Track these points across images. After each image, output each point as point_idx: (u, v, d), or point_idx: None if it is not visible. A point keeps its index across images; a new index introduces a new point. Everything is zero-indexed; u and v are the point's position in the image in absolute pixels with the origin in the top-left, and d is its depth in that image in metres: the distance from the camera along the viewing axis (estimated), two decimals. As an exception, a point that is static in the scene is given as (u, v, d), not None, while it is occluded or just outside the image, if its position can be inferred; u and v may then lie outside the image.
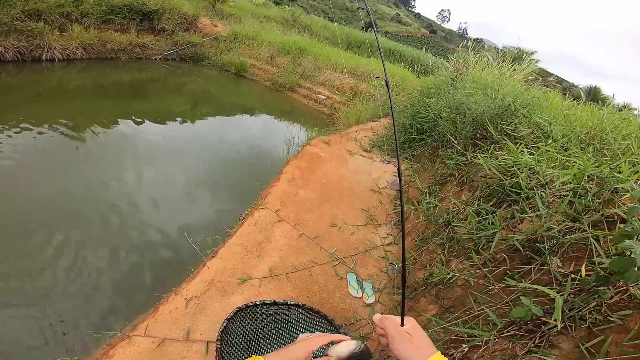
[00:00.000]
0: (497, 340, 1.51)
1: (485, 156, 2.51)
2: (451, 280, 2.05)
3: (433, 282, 2.21)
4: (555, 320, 1.20)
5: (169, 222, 4.14)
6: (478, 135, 3.60)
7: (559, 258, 1.57)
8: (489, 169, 2.38)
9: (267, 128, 8.64)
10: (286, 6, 24.17)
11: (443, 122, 4.46)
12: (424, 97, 6.01)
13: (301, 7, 31.10)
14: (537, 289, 1.37)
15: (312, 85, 11.69)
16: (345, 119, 7.91)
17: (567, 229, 1.67)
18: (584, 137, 2.57)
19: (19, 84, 7.75)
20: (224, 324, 1.96)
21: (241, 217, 3.79)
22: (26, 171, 4.55)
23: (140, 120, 6.90)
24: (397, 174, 3.77)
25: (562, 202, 1.74)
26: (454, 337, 1.73)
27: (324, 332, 2.20)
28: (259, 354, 1.94)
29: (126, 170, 5.04)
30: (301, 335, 1.06)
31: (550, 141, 2.42)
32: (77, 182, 4.51)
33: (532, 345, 1.38)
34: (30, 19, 8.73)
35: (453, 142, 3.67)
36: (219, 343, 1.92)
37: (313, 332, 2.18)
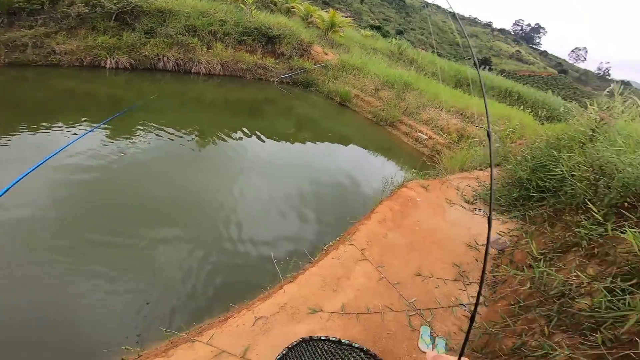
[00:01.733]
0: None
1: (635, 231, 2.26)
2: (551, 356, 1.90)
3: (525, 353, 2.06)
4: None
5: (257, 237, 4.51)
6: (626, 204, 3.21)
7: None
8: (638, 246, 2.16)
9: (363, 162, 8.83)
10: (393, 39, 24.90)
11: (576, 183, 4.02)
12: (550, 148, 5.46)
13: (408, 40, 31.62)
14: None
15: (415, 122, 11.60)
16: (448, 164, 7.62)
17: None
18: None
19: (172, 92, 9.84)
20: (284, 352, 1.99)
21: (324, 248, 3.96)
22: (151, 165, 5.73)
23: (249, 133, 8.01)
24: (501, 234, 3.60)
25: None
26: None
27: None
28: None
29: (229, 180, 5.88)
30: None
31: None
32: (186, 183, 5.40)
33: None
34: (189, 33, 11.11)
35: (591, 208, 3.25)
36: None
37: None
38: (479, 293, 1.03)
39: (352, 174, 7.29)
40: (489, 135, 1.19)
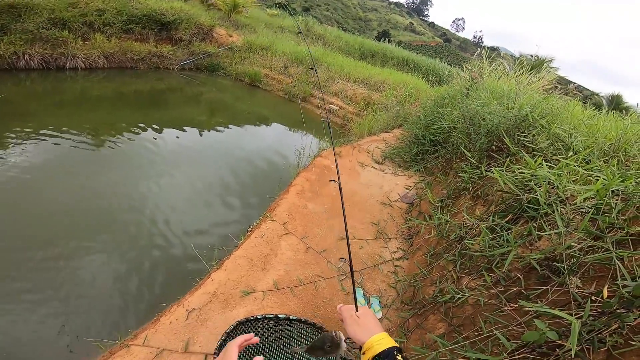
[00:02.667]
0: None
1: (500, 170, 2.38)
2: (462, 299, 1.95)
3: (444, 299, 2.11)
4: (570, 345, 1.10)
5: (179, 232, 4.14)
6: (493, 147, 3.50)
7: (579, 278, 1.47)
8: (505, 184, 2.27)
9: (280, 138, 8.64)
10: (300, 16, 24.49)
11: (457, 134, 4.38)
12: (437, 107, 5.92)
13: (315, 17, 31.43)
14: (552, 312, 1.27)
15: (325, 95, 11.69)
16: (358, 130, 7.83)
17: (588, 247, 1.56)
18: (607, 149, 2.46)
19: (43, 92, 8.05)
20: (223, 337, 1.91)
21: (249, 229, 3.76)
22: (45, 179, 4.67)
23: (158, 128, 7.04)
24: (409, 187, 3.68)
25: (583, 219, 1.63)
26: (462, 359, 1.64)
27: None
28: None
29: (140, 178, 5.12)
30: None
31: (571, 154, 2.32)
32: (91, 190, 4.59)
33: None
34: (56, 27, 9.16)
35: (466, 154, 3.56)
36: (216, 356, 1.89)
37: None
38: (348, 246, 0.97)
39: (271, 152, 7.09)
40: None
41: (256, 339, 1.07)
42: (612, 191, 1.70)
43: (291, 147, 6.66)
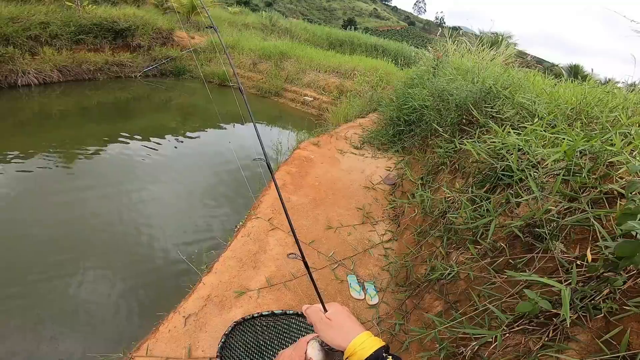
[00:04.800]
0: (507, 335, 1.41)
1: (472, 141, 2.40)
2: (453, 275, 1.95)
3: (435, 277, 2.11)
4: (564, 313, 1.10)
5: (165, 242, 4.07)
6: (464, 120, 3.51)
7: (562, 242, 1.46)
8: (478, 154, 2.27)
9: (257, 136, 8.48)
10: (263, 12, 23.99)
11: (428, 112, 4.40)
12: (407, 88, 5.93)
13: (278, 11, 30.90)
14: (541, 280, 1.26)
15: (298, 88, 11.58)
16: (334, 119, 7.82)
17: (566, 210, 1.55)
18: (570, 113, 2.47)
19: None
20: (222, 340, 1.86)
21: (235, 230, 3.69)
22: (21, 204, 4.45)
23: (129, 139, 6.73)
24: (389, 169, 3.69)
25: (555, 180, 1.62)
26: (462, 335, 1.64)
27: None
28: None
29: (118, 193, 4.91)
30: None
31: (536, 120, 2.32)
32: (70, 210, 4.41)
33: (547, 339, 1.28)
34: None
35: (439, 130, 3.59)
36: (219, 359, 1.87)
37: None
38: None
39: (249, 151, 6.92)
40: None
41: None
42: (580, 151, 1.69)
43: (269, 143, 6.57)
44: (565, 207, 1.55)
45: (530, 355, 1.31)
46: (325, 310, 0.86)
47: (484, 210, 1.97)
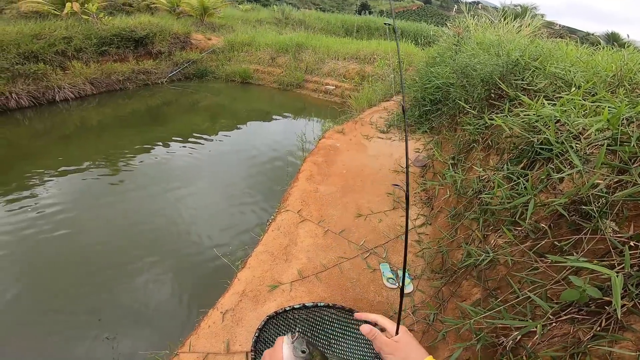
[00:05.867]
0: (554, 324, 1.25)
1: (503, 115, 2.18)
2: (489, 260, 1.76)
3: (470, 263, 1.92)
4: (615, 304, 0.93)
5: (206, 240, 4.13)
6: (492, 95, 3.26)
7: (613, 221, 1.27)
8: (511, 129, 2.06)
9: (285, 129, 8.44)
10: (274, 6, 23.69)
11: (454, 89, 4.17)
12: (429, 67, 5.68)
13: (290, 4, 30.39)
14: (589, 266, 1.08)
15: (319, 77, 11.40)
16: (357, 105, 7.60)
17: (616, 183, 1.35)
18: (611, 81, 2.19)
19: (45, 129, 7.83)
20: (256, 334, 1.86)
21: (267, 223, 3.65)
22: (77, 212, 4.65)
23: (165, 143, 6.91)
24: (418, 150, 3.51)
25: (600, 151, 1.38)
26: (502, 325, 1.47)
27: (358, 329, 2.07)
28: None
29: (162, 196, 5.05)
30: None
31: (573, 89, 2.07)
32: (120, 216, 4.58)
33: (599, 328, 1.12)
34: (29, 61, 8.77)
35: (465, 107, 3.33)
36: (253, 354, 1.84)
37: (347, 332, 2.03)
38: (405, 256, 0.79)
39: (278, 144, 6.94)
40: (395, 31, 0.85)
41: None
42: (626, 119, 1.48)
43: (296, 136, 6.51)
44: (614, 180, 1.34)
45: (579, 347, 1.15)
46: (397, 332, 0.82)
47: (521, 188, 1.76)
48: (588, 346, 1.13)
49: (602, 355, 1.10)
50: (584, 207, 1.38)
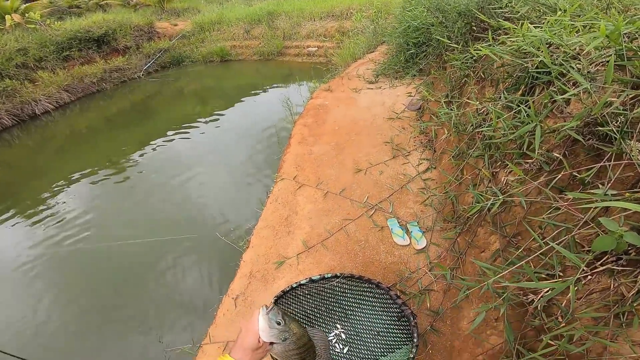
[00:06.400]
0: (590, 277, 1.04)
1: (488, 44, 1.98)
2: (500, 202, 1.49)
3: (478, 209, 1.64)
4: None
5: (214, 221, 4.11)
6: (474, 28, 3.06)
7: (638, 141, 1.04)
8: (500, 57, 1.83)
9: (276, 99, 8.06)
10: None
11: (435, 28, 3.87)
12: (406, 11, 5.24)
13: None
14: (622, 205, 0.83)
15: (299, 42, 10.93)
16: (341, 61, 7.27)
17: (632, 99, 1.12)
18: (598, 3, 1.93)
19: (37, 144, 7.63)
20: None
21: (267, 198, 3.42)
22: (99, 217, 4.71)
23: (163, 134, 6.83)
24: (411, 94, 3.20)
25: (605, 70, 1.18)
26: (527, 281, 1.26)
27: (373, 297, 1.91)
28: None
29: (168, 184, 5.13)
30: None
31: (559, 12, 1.82)
32: (130, 211, 4.74)
33: None
34: None
35: (448, 43, 3.10)
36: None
37: (362, 301, 1.80)
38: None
39: (271, 114, 6.69)
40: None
41: None
42: (626, 35, 1.26)
43: (284, 103, 6.19)
44: (630, 96, 1.11)
45: (624, 305, 0.94)
46: None
47: (523, 116, 1.54)
48: (634, 304, 0.92)
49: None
50: (600, 128, 1.15)
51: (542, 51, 1.49)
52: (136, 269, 3.70)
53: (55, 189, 5.39)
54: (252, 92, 8.75)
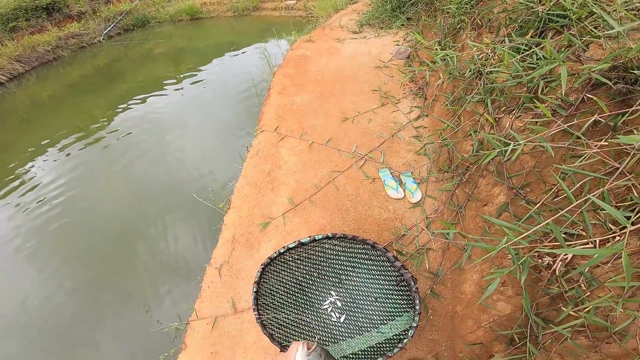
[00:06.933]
0: (619, 238, 0.86)
1: None
2: (510, 149, 1.25)
3: (489, 157, 1.37)
4: None
5: (190, 185, 3.83)
6: None
7: None
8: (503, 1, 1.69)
9: (253, 53, 7.60)
10: None
11: None
12: None
13: None
14: None
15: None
16: (321, 12, 6.74)
17: None
18: None
19: None
20: (255, 289, 1.60)
21: (247, 153, 3.13)
22: (79, 186, 4.33)
23: (135, 97, 6.37)
24: (398, 42, 2.87)
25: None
26: (543, 237, 1.09)
27: (369, 259, 1.75)
28: (307, 304, 1.80)
29: (148, 147, 4.80)
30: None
31: None
32: (113, 180, 4.34)
33: None
34: None
35: None
36: (257, 314, 1.56)
37: (357, 264, 1.59)
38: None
39: (250, 70, 6.23)
40: None
41: None
42: None
43: (261, 55, 5.75)
44: None
45: None
46: None
47: (535, 59, 1.36)
48: None
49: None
50: (632, 71, 0.99)
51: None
52: (113, 237, 3.45)
53: (25, 159, 5.03)
54: (228, 50, 8.18)
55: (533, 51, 1.37)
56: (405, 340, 1.41)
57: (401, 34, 4.24)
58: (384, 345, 1.51)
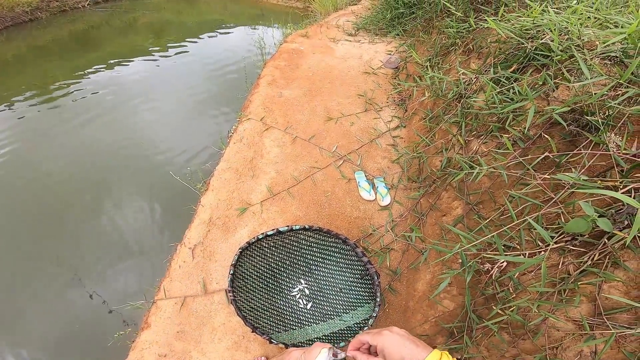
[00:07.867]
0: (542, 253, 1.05)
1: (495, 19, 1.90)
2: (476, 174, 1.43)
3: (457, 177, 1.65)
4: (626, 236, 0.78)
5: (167, 158, 3.82)
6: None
7: (617, 135, 1.07)
8: (503, 33, 1.77)
9: (242, 37, 7.56)
10: None
11: None
12: None
13: None
14: (603, 192, 0.84)
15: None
16: (322, 8, 6.78)
17: (627, 98, 1.11)
18: None
19: None
20: (231, 271, 1.68)
21: (228, 137, 3.18)
22: (29, 149, 4.13)
23: (106, 65, 6.08)
24: (390, 52, 3.06)
25: (609, 65, 1.25)
26: (487, 247, 1.30)
27: (338, 252, 1.89)
28: (277, 290, 1.88)
29: (113, 120, 4.55)
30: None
31: (574, 1, 1.85)
32: (66, 144, 4.13)
33: (590, 262, 0.97)
34: None
35: (450, 8, 2.97)
36: (232, 295, 1.64)
37: (327, 256, 1.74)
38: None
39: (236, 53, 6.25)
40: None
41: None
42: None
43: (256, 43, 5.72)
44: (623, 91, 1.10)
45: (568, 282, 1.01)
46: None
47: (511, 93, 1.55)
48: (578, 283, 0.98)
49: (590, 294, 0.98)
50: (586, 117, 1.18)
51: (554, 34, 1.46)
52: (70, 208, 3.33)
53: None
54: (217, 29, 8.07)
55: (512, 86, 1.56)
56: (365, 328, 1.56)
57: (394, 44, 4.41)
58: (346, 332, 1.67)
